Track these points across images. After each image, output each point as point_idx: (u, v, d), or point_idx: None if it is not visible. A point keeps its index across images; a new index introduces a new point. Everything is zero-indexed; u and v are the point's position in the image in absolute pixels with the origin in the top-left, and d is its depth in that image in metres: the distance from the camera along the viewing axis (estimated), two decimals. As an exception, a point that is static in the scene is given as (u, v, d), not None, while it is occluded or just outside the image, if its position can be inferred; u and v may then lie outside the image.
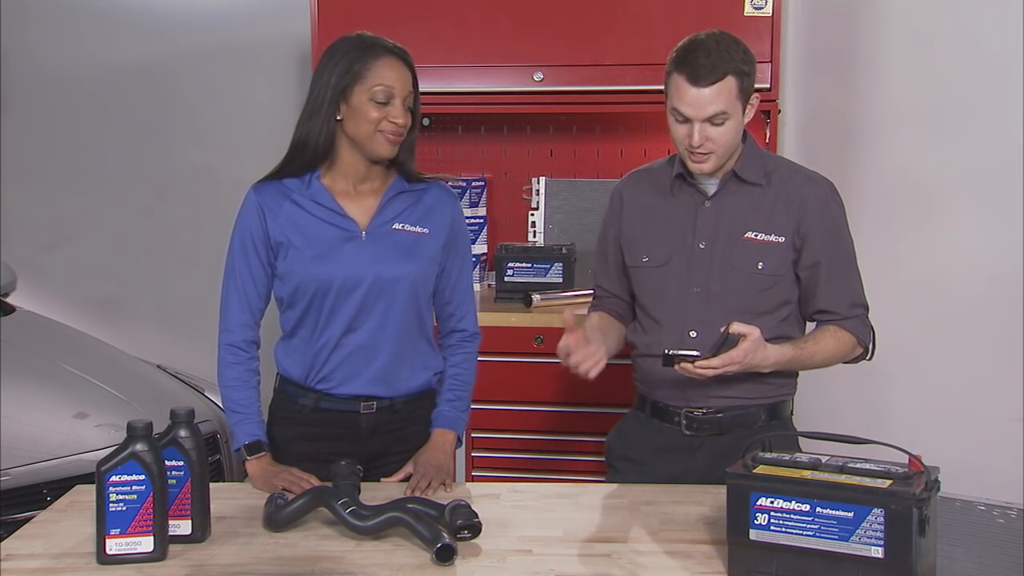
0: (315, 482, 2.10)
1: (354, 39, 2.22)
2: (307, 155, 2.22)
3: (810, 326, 2.31)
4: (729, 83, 2.11)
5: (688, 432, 2.25)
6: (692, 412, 2.24)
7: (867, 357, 2.29)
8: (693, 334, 2.22)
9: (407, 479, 2.19)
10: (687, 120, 2.13)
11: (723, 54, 2.12)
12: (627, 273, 2.34)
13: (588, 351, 2.08)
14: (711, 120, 2.12)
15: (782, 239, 2.21)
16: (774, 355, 2.12)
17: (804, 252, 2.21)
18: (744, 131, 2.24)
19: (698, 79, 2.10)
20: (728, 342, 2.05)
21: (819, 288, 2.23)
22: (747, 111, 2.18)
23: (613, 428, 2.42)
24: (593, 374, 2.09)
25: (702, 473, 2.20)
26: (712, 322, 2.18)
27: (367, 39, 2.21)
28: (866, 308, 2.26)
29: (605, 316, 2.37)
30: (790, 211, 2.22)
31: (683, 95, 2.12)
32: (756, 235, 2.21)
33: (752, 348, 2.06)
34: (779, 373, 2.20)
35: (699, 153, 2.15)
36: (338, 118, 2.19)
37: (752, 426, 2.23)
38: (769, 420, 2.26)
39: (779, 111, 3.38)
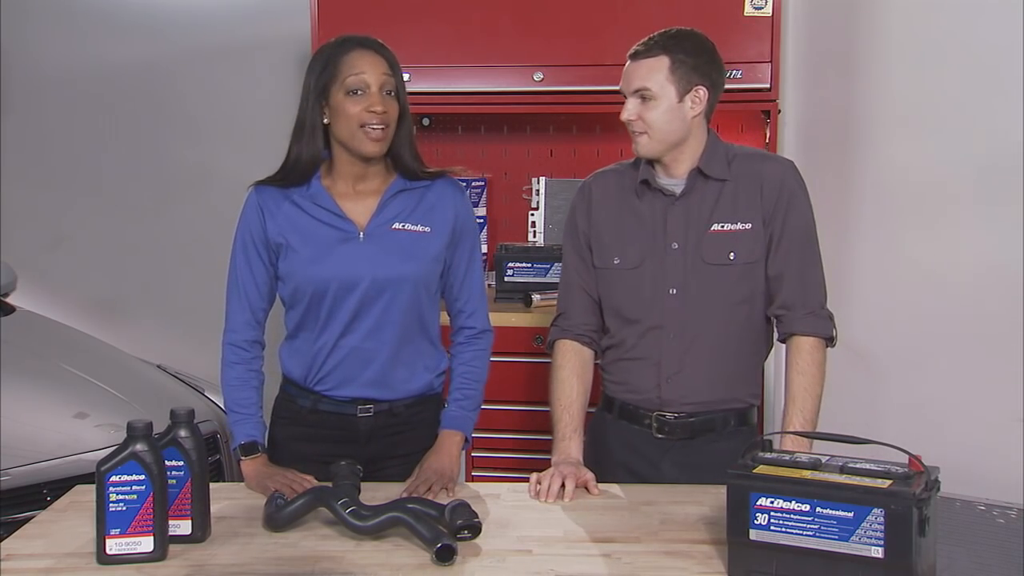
0: (310, 484, 2.09)
1: (329, 42, 2.22)
2: (303, 168, 2.21)
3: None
4: (661, 62, 2.17)
5: (659, 435, 2.24)
6: (664, 415, 2.24)
7: (832, 344, 2.24)
8: (671, 336, 2.22)
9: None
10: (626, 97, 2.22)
11: (668, 40, 2.19)
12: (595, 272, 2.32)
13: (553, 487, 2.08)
14: (639, 95, 2.18)
15: (748, 225, 2.20)
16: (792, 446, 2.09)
17: (769, 229, 2.20)
18: (709, 129, 2.25)
19: (634, 55, 2.20)
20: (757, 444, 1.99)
21: (785, 277, 2.19)
22: (687, 101, 2.18)
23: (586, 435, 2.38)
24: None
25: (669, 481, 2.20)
26: (689, 322, 2.20)
27: (340, 38, 2.21)
28: (824, 301, 2.23)
29: (583, 353, 2.32)
30: (751, 194, 2.21)
31: (623, 71, 2.22)
32: (722, 225, 2.21)
33: None
34: (746, 379, 2.26)
35: (632, 132, 2.20)
36: (325, 122, 2.19)
37: (722, 431, 2.24)
38: (738, 426, 2.26)
39: (779, 111, 3.38)
